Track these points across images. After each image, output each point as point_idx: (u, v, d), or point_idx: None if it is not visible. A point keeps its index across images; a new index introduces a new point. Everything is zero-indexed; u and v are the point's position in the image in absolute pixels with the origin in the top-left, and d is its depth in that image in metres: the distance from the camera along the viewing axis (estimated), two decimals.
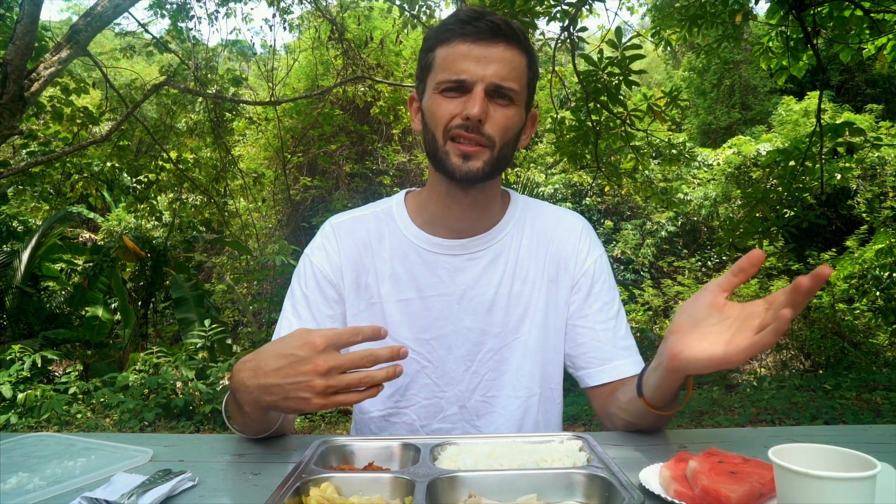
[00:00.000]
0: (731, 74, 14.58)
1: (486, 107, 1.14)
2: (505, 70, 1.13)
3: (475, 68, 1.13)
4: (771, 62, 5.54)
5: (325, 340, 0.91)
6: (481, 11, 1.15)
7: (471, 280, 1.29)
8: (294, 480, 0.85)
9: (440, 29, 1.18)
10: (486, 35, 1.13)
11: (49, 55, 4.93)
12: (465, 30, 1.13)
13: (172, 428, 5.22)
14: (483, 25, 1.13)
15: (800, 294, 0.80)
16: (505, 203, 1.36)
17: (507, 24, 1.14)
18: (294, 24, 8.74)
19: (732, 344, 0.87)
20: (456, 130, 1.15)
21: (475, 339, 1.30)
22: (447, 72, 1.15)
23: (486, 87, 1.13)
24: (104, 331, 7.61)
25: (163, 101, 8.42)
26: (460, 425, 1.31)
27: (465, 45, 1.14)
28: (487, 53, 1.13)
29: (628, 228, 10.68)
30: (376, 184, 10.42)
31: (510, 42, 1.14)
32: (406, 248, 1.31)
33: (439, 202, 1.28)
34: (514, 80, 1.15)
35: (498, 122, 1.15)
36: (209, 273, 10.95)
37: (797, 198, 5.21)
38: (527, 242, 1.33)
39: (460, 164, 1.16)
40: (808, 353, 7.59)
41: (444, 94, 1.16)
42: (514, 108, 1.17)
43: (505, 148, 1.19)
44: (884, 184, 9.75)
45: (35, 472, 1.04)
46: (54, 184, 8.10)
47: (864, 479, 0.67)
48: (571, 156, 5.52)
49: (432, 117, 1.18)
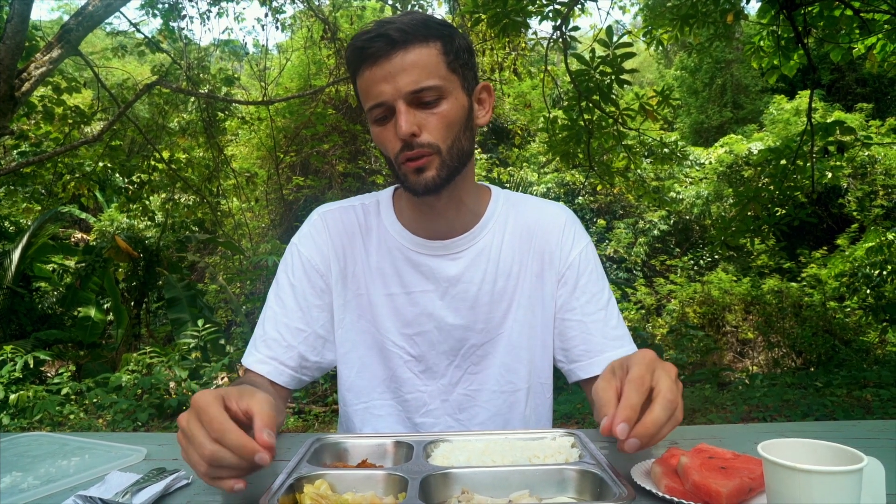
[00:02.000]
0: (723, 73, 14.66)
1: (415, 118, 1.12)
2: (414, 74, 1.10)
3: (387, 87, 1.11)
4: (762, 61, 5.57)
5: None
6: (376, 28, 1.12)
7: (453, 277, 1.29)
8: (288, 478, 0.85)
9: (349, 60, 1.17)
10: (382, 51, 1.10)
11: (40, 55, 4.91)
12: (364, 54, 1.12)
13: (166, 428, 5.21)
14: (378, 43, 1.10)
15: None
16: (485, 198, 1.35)
17: (400, 29, 1.11)
18: (286, 24, 8.73)
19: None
20: (402, 155, 1.14)
21: (458, 335, 1.30)
22: (368, 100, 1.15)
23: (404, 99, 1.11)
24: (97, 331, 7.59)
25: (155, 101, 8.38)
26: (443, 419, 1.31)
27: (369, 69, 1.12)
28: (391, 68, 1.10)
29: (621, 227, 10.72)
30: (369, 183, 10.41)
31: (408, 45, 1.11)
32: (391, 244, 1.31)
33: (415, 209, 1.29)
34: (430, 77, 1.12)
35: (434, 127, 1.14)
36: (202, 273, 10.92)
37: (788, 196, 5.24)
38: (509, 238, 1.33)
39: (416, 179, 1.15)
40: (799, 351, 7.64)
41: (378, 122, 1.16)
42: (446, 100, 1.15)
43: (454, 144, 1.17)
44: (874, 182, 9.82)
45: (28, 471, 1.04)
46: (46, 184, 8.06)
47: (851, 472, 0.68)
48: (564, 155, 5.53)
49: (380, 146, 1.19)
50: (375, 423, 1.33)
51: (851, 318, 7.82)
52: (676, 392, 0.90)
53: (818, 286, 8.33)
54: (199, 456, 0.82)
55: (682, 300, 9.03)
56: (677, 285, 9.39)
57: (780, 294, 8.28)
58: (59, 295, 8.46)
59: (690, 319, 8.66)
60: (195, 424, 0.84)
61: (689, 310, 8.86)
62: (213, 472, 0.82)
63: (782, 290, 8.32)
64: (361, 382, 1.33)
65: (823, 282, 8.31)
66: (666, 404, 0.86)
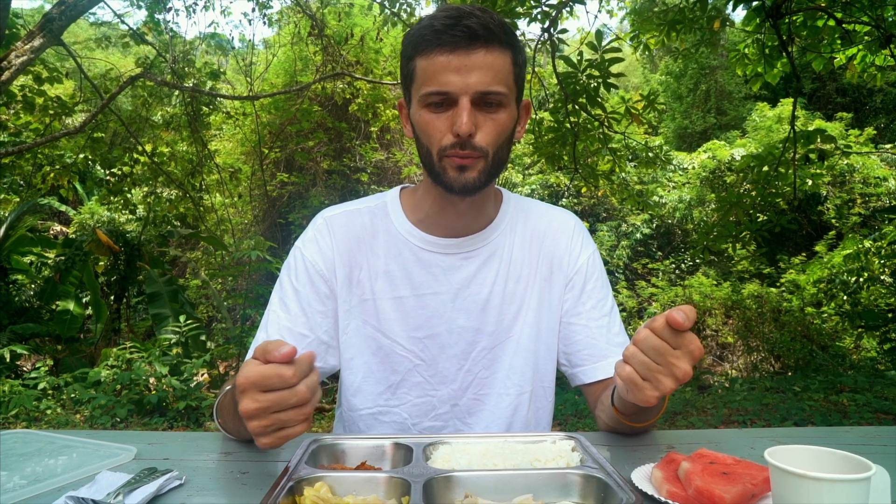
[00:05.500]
0: (707, 80, 14.82)
1: (475, 118, 1.11)
2: (488, 76, 1.10)
3: (457, 79, 1.09)
4: (746, 69, 5.62)
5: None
6: (457, 15, 1.10)
7: (465, 279, 1.29)
8: (287, 480, 0.84)
9: (417, 37, 1.14)
10: (463, 42, 1.09)
11: (21, 43, 4.82)
12: (441, 39, 1.09)
13: (146, 424, 5.13)
14: (459, 32, 1.08)
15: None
16: (498, 201, 1.36)
17: (483, 25, 1.09)
18: (273, 19, 8.66)
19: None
20: (450, 150, 1.13)
21: (469, 338, 1.29)
22: (429, 85, 1.11)
23: (471, 97, 1.10)
24: (75, 325, 7.47)
25: (138, 94, 8.28)
26: (451, 423, 1.31)
27: (443, 55, 1.09)
28: (468, 62, 1.09)
29: (604, 230, 10.77)
30: (353, 181, 10.36)
31: (490, 44, 1.10)
32: (400, 245, 1.30)
33: (435, 204, 1.27)
34: (500, 83, 1.11)
35: (489, 132, 1.13)
36: (183, 268, 10.81)
37: (770, 203, 5.30)
38: (520, 241, 1.33)
39: (457, 176, 1.14)
40: (777, 356, 7.73)
41: (430, 108, 1.14)
42: (504, 110, 1.14)
43: (499, 153, 1.17)
44: (852, 191, 9.98)
45: (14, 470, 1.01)
46: (25, 175, 7.93)
47: (860, 480, 0.68)
48: (549, 157, 5.55)
49: (424, 134, 1.17)
50: (381, 429, 1.32)
51: (828, 324, 7.92)
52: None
53: (797, 292, 8.44)
54: (289, 396, 0.84)
55: (663, 304, 9.10)
56: (659, 289, 9.45)
57: (759, 299, 8.37)
58: (38, 288, 8.31)
59: None
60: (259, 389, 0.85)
61: None
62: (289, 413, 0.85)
63: (762, 296, 8.41)
64: (367, 388, 1.32)
65: (802, 288, 8.42)
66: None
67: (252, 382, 0.84)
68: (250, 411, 0.84)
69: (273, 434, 0.86)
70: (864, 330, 7.53)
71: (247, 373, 0.84)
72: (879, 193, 9.81)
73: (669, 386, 0.91)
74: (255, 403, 0.84)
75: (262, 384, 0.84)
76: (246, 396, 0.85)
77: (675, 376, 0.91)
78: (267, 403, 0.84)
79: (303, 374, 0.86)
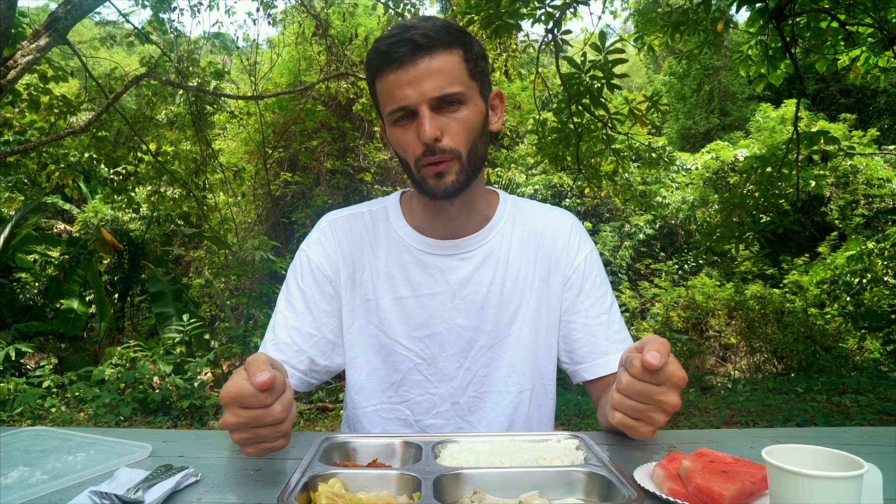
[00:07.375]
0: (711, 80, 14.79)
1: (438, 123, 1.15)
2: (439, 80, 1.13)
3: (411, 91, 1.13)
4: (750, 70, 5.63)
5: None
6: (398, 32, 1.14)
7: (463, 279, 1.32)
8: (302, 476, 0.87)
9: (370, 62, 1.19)
10: (408, 56, 1.12)
11: (27, 42, 4.85)
12: (389, 58, 1.14)
13: (150, 423, 5.17)
14: (402, 47, 1.12)
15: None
16: (494, 202, 1.39)
17: (423, 34, 1.13)
18: (277, 19, 8.69)
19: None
20: (423, 159, 1.17)
21: (468, 337, 1.32)
22: (390, 103, 1.16)
23: (429, 104, 1.14)
24: (79, 324, 7.51)
25: (143, 93, 8.31)
26: (453, 421, 1.34)
27: (393, 72, 1.14)
28: (416, 72, 1.12)
29: (607, 230, 10.78)
30: (357, 181, 10.38)
31: (433, 50, 1.13)
32: (400, 247, 1.33)
33: (427, 210, 1.32)
34: (453, 84, 1.15)
35: (456, 132, 1.17)
36: (187, 267, 10.84)
37: (773, 203, 5.31)
38: (517, 241, 1.36)
39: (436, 183, 1.18)
40: (780, 357, 7.74)
41: (398, 124, 1.18)
42: (467, 106, 1.17)
43: (474, 149, 1.20)
44: (855, 192, 9.96)
45: (35, 466, 1.04)
46: (30, 174, 7.96)
47: (853, 478, 0.71)
48: (553, 157, 5.57)
49: (399, 149, 1.22)
50: (384, 426, 1.35)
51: (831, 325, 7.93)
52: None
53: (800, 293, 8.44)
54: (266, 414, 0.93)
55: (666, 304, 9.11)
56: (662, 289, 9.46)
57: (762, 300, 8.38)
58: (42, 286, 8.36)
59: (674, 323, 8.74)
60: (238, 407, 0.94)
61: (673, 314, 8.94)
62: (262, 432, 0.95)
63: (765, 296, 8.42)
64: (370, 386, 1.35)
65: (805, 288, 8.42)
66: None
67: (232, 398, 0.92)
68: (231, 425, 0.93)
69: (255, 446, 0.96)
70: (867, 331, 7.54)
71: (228, 388, 0.93)
72: (883, 195, 9.80)
73: (661, 420, 0.97)
74: (236, 418, 0.93)
75: (241, 401, 0.92)
76: (227, 410, 0.94)
77: (664, 411, 0.96)
78: (246, 419, 0.93)
79: (279, 393, 0.94)
